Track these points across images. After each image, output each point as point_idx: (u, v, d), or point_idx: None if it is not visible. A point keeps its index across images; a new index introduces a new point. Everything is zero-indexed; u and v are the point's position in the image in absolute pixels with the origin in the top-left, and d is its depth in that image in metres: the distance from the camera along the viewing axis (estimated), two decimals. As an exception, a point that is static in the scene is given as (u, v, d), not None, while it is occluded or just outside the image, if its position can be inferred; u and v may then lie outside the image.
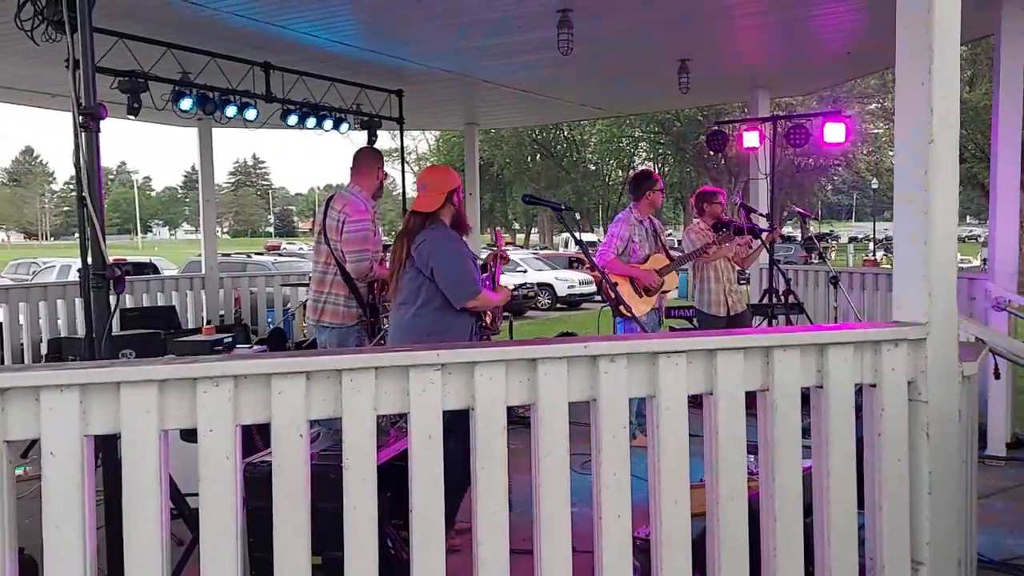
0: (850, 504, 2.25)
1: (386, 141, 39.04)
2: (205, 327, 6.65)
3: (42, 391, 1.75)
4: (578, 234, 3.61)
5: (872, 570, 2.30)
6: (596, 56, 6.41)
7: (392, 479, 2.55)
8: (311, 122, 6.88)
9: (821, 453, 2.26)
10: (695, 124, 27.12)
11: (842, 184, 39.60)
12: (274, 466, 1.90)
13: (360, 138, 7.08)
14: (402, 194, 9.56)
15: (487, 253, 3.99)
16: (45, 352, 6.92)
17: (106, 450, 2.49)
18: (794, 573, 2.21)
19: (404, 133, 8.06)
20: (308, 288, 4.39)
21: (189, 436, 2.46)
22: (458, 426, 2.11)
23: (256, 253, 22.71)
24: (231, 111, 6.17)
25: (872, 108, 26.52)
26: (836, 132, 6.45)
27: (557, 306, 18.51)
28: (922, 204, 2.26)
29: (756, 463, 2.31)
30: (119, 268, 2.47)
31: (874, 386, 2.28)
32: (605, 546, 2.08)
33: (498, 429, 2.02)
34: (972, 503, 2.60)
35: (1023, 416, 5.40)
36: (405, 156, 8.47)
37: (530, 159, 35.99)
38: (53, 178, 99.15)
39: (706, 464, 2.20)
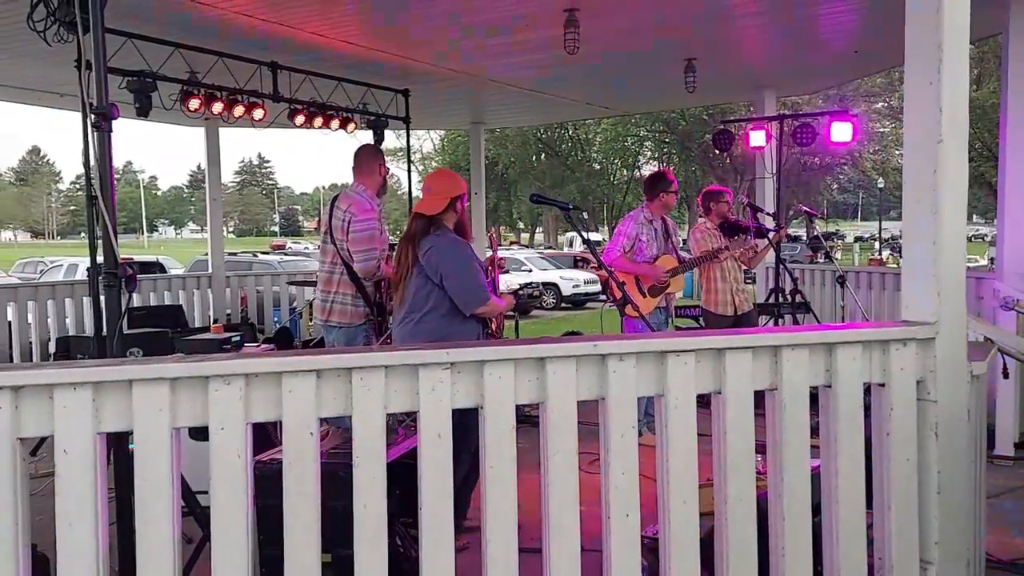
0: (859, 503, 2.26)
1: (391, 141, 39.00)
2: (213, 326, 6.67)
3: (56, 389, 1.77)
4: (585, 233, 3.61)
5: (881, 570, 2.30)
6: (602, 55, 6.41)
7: (401, 477, 2.56)
8: (318, 121, 6.90)
9: (830, 452, 2.26)
10: (701, 123, 27.05)
11: (848, 183, 39.45)
12: (285, 464, 1.91)
13: (367, 138, 7.07)
14: (408, 194, 9.56)
15: (486, 257, 3.98)
16: (53, 351, 6.95)
17: (117, 448, 2.51)
18: (802, 573, 2.21)
19: (409, 133, 8.08)
20: (315, 287, 4.40)
21: (199, 435, 2.47)
22: (466, 424, 2.11)
23: (262, 252, 22.74)
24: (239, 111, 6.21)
25: (879, 107, 26.42)
26: (843, 131, 6.42)
27: (562, 305, 18.50)
28: (931, 204, 2.26)
29: (764, 462, 2.31)
30: (130, 267, 2.48)
31: (883, 385, 2.28)
32: (614, 545, 2.09)
33: (507, 428, 2.02)
34: (981, 503, 2.59)
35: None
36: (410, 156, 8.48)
37: (535, 158, 35.96)
38: (60, 178, 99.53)
39: (714, 463, 2.20)
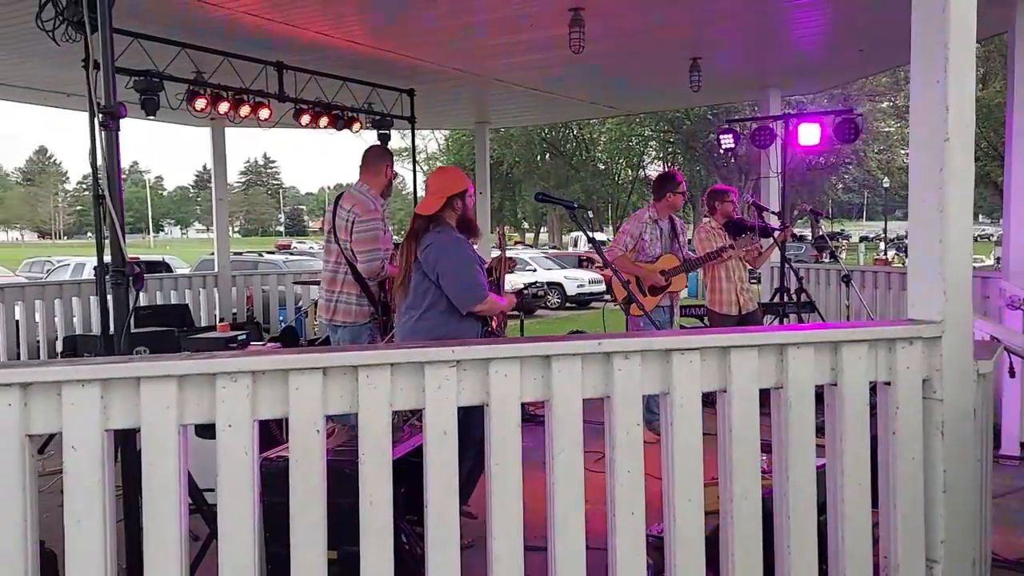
0: (864, 502, 2.25)
1: (396, 140, 39.04)
2: (219, 324, 6.69)
3: (64, 386, 1.78)
4: (590, 232, 3.61)
5: (886, 568, 2.30)
6: (607, 54, 6.41)
7: (406, 475, 2.57)
8: (323, 121, 6.92)
9: (835, 451, 2.26)
10: (705, 123, 27.02)
11: (853, 183, 39.32)
12: (291, 461, 1.92)
13: (372, 137, 7.10)
14: (413, 194, 9.56)
15: (494, 255, 3.97)
16: (60, 350, 6.97)
17: (124, 446, 2.52)
18: (808, 571, 2.21)
19: (414, 132, 8.09)
20: (320, 286, 4.41)
21: (205, 432, 2.47)
22: (467, 421, 2.12)
23: (267, 252, 22.80)
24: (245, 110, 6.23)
25: (884, 106, 26.35)
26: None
27: (567, 305, 18.50)
28: (937, 202, 2.25)
29: (769, 461, 2.31)
30: (137, 265, 2.49)
31: (889, 384, 2.27)
32: (619, 542, 2.09)
33: (513, 425, 2.03)
34: (987, 502, 2.59)
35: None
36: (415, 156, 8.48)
37: (539, 158, 35.97)
38: (66, 177, 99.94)
39: (720, 461, 2.20)
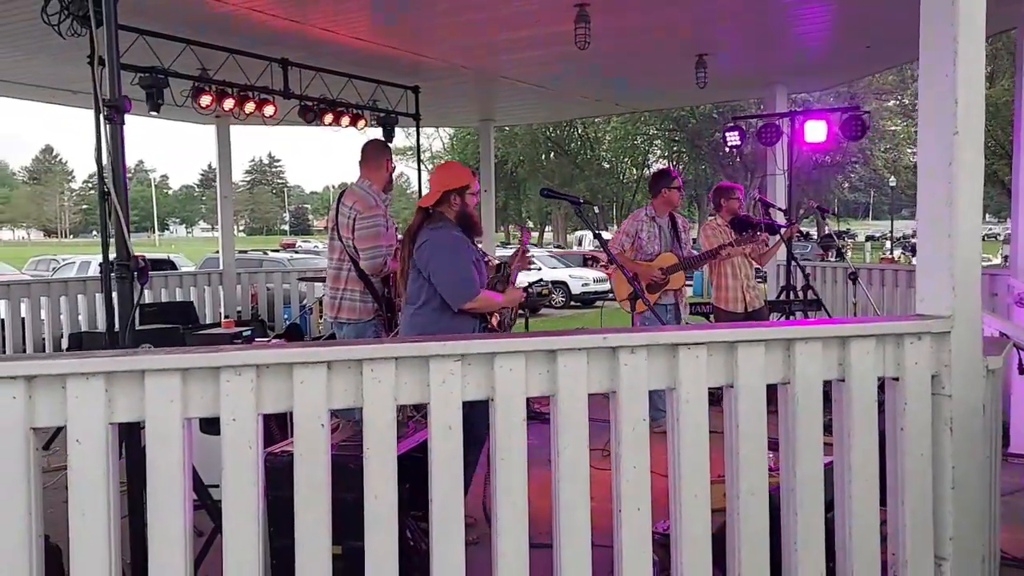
0: (872, 499, 2.23)
1: (400, 139, 39.15)
2: (224, 321, 6.70)
3: (68, 379, 1.78)
4: (596, 228, 3.58)
5: (895, 566, 2.28)
6: (613, 51, 6.39)
7: (410, 470, 2.56)
8: (328, 118, 6.92)
9: (843, 447, 2.24)
10: (710, 121, 26.97)
11: (859, 182, 39.19)
12: (296, 455, 1.91)
13: (376, 135, 7.09)
14: (418, 192, 9.56)
15: (512, 251, 3.93)
16: (66, 347, 6.99)
17: (129, 441, 2.52)
18: (815, 569, 2.20)
19: (419, 130, 8.08)
20: (324, 284, 4.41)
21: (209, 428, 2.46)
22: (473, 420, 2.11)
23: (272, 250, 22.87)
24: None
25: (890, 105, 26.26)
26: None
27: (571, 304, 18.47)
28: (946, 196, 2.24)
29: (776, 459, 2.29)
30: (142, 260, 2.49)
31: (897, 380, 2.26)
32: (625, 539, 2.08)
33: (518, 420, 2.02)
34: (996, 499, 2.57)
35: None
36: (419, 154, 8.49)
37: (544, 157, 35.96)
38: (72, 176, 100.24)
39: (726, 457, 2.18)
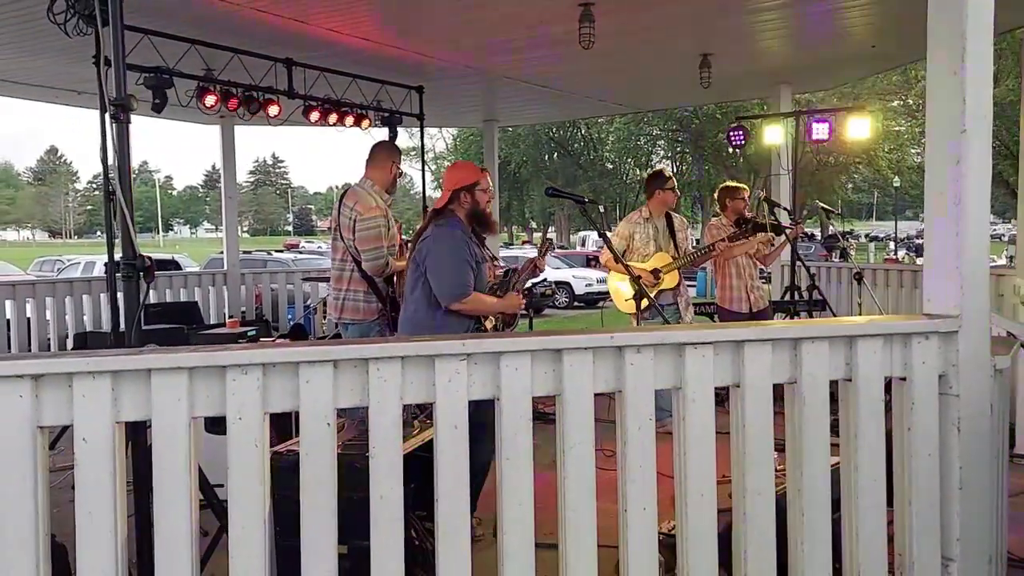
0: (879, 499, 2.23)
1: (404, 140, 39.11)
2: (229, 320, 6.71)
3: (75, 377, 1.78)
4: (601, 228, 3.57)
5: (901, 566, 2.27)
6: (617, 51, 6.38)
7: (416, 470, 2.56)
8: (332, 118, 6.92)
9: (849, 447, 2.23)
10: (714, 122, 26.92)
11: (863, 182, 39.09)
12: (302, 454, 1.91)
13: (381, 135, 7.09)
14: (422, 193, 9.56)
15: (529, 255, 3.93)
16: (71, 347, 7.01)
17: (135, 440, 2.52)
18: (821, 569, 2.19)
19: (423, 130, 8.08)
20: (328, 284, 4.41)
21: (215, 428, 2.46)
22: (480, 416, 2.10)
23: (276, 251, 22.89)
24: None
25: (894, 105, 26.19)
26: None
27: (575, 304, 18.46)
28: (954, 195, 2.23)
29: (782, 460, 2.28)
30: (148, 259, 2.49)
31: (904, 379, 2.25)
32: (630, 539, 2.07)
33: (524, 420, 2.01)
34: (1003, 500, 2.55)
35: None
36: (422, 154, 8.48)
37: (547, 157, 35.94)
38: (77, 177, 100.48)
39: (733, 457, 2.18)
